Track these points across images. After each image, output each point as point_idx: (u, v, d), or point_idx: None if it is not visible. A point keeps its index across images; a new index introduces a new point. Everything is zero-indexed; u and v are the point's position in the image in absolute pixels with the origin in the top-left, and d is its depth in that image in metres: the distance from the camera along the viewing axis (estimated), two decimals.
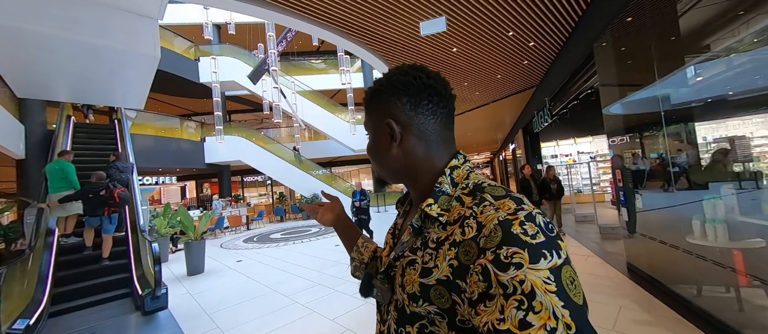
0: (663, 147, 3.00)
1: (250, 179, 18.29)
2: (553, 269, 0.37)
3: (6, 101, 5.69)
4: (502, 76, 6.08)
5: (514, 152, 13.65)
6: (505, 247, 0.38)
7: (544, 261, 0.37)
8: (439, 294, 0.44)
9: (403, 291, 0.50)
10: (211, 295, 4.24)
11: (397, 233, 0.63)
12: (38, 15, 3.23)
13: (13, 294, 3.35)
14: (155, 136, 11.15)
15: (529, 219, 0.40)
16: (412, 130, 0.54)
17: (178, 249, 7.66)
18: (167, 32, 11.14)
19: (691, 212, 2.55)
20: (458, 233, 0.44)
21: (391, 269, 0.54)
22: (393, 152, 0.55)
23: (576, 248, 4.66)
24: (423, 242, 0.49)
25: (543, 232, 0.39)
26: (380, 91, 0.56)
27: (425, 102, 0.54)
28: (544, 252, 0.37)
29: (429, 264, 0.46)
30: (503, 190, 0.46)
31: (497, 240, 0.39)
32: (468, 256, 0.42)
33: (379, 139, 0.56)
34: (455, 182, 0.52)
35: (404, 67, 0.56)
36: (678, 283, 2.74)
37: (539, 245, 0.38)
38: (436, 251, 0.46)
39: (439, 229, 0.48)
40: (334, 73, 13.47)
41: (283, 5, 3.45)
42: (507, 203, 0.42)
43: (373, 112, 0.58)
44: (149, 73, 4.97)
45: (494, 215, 0.41)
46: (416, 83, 0.54)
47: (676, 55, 2.87)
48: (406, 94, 0.54)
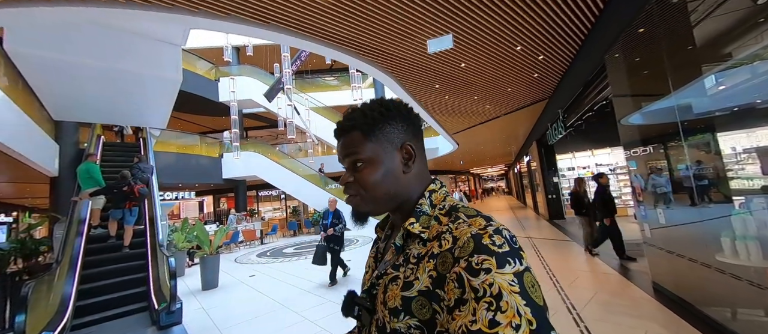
0: (684, 159, 2.87)
1: (265, 193, 18.66)
2: (516, 273, 0.42)
3: (44, 123, 6.14)
4: (513, 89, 6.05)
5: (529, 165, 13.35)
6: (476, 255, 0.43)
7: (509, 266, 0.42)
8: (421, 305, 0.47)
9: (385, 307, 0.51)
10: (224, 310, 4.28)
11: (379, 256, 0.65)
12: (72, 45, 3.54)
13: (39, 307, 3.50)
14: (177, 153, 11.65)
15: (496, 233, 0.46)
16: (418, 154, 0.59)
17: (194, 263, 7.82)
18: (190, 55, 11.83)
19: (719, 228, 2.40)
20: (436, 246, 0.49)
21: (374, 288, 0.56)
22: (405, 176, 0.58)
23: (597, 265, 4.44)
24: (405, 258, 0.53)
25: (508, 243, 0.45)
26: (390, 115, 0.57)
27: (419, 130, 0.61)
28: (509, 259, 0.43)
29: (410, 278, 0.50)
30: (474, 211, 0.52)
31: (470, 250, 0.44)
32: (445, 266, 0.46)
33: (392, 164, 0.57)
34: (433, 203, 0.57)
35: (383, 99, 0.61)
36: (709, 305, 2.55)
37: (505, 253, 0.43)
38: (417, 266, 0.50)
39: (420, 245, 0.52)
40: (347, 89, 13.80)
41: (297, 29, 3.62)
42: (478, 221, 0.49)
43: (382, 135, 0.56)
44: (172, 95, 5.28)
45: (467, 230, 0.47)
46: (413, 114, 0.61)
47: (692, 64, 2.79)
48: (411, 122, 0.60)
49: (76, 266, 4.26)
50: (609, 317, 2.81)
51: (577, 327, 2.67)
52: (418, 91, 6.02)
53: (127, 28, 3.57)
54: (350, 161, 0.58)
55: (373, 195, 0.57)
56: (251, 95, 12.98)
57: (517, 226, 9.56)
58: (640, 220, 3.76)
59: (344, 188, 0.60)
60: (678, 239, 3.01)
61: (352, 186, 0.58)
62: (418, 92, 6.05)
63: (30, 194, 11.01)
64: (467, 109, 7.31)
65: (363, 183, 0.57)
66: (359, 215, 0.60)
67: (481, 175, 38.72)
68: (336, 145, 0.62)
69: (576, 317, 2.87)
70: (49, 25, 3.23)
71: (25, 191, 10.52)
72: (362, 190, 0.57)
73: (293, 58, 10.18)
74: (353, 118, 0.58)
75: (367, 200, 0.57)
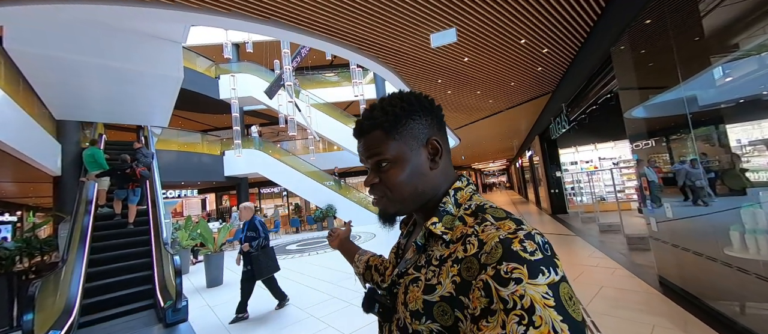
0: (691, 150, 2.84)
1: (267, 190, 18.69)
2: (551, 284, 0.38)
3: (45, 123, 6.14)
4: (516, 83, 6.00)
5: (532, 159, 13.31)
6: (505, 263, 0.40)
7: (543, 277, 0.39)
8: (443, 311, 0.45)
9: (406, 309, 0.50)
10: (230, 307, 4.29)
11: (400, 252, 0.64)
12: (71, 44, 3.51)
13: (46, 305, 3.53)
14: (178, 151, 11.65)
15: (528, 238, 0.42)
16: (444, 148, 0.56)
17: (198, 260, 7.86)
18: (190, 53, 11.77)
19: (726, 221, 2.38)
20: (461, 250, 0.46)
21: (395, 286, 0.55)
22: (432, 173, 0.55)
23: (601, 259, 4.43)
24: (426, 259, 0.51)
25: (541, 250, 0.41)
26: (412, 110, 0.54)
27: (442, 122, 0.58)
28: (542, 269, 0.39)
29: (432, 281, 0.48)
30: (504, 212, 0.49)
31: (498, 256, 0.41)
32: (470, 272, 0.43)
33: (419, 160, 0.54)
34: (458, 202, 0.54)
35: (403, 93, 0.58)
36: (717, 299, 2.54)
37: (537, 261, 0.40)
38: (439, 269, 0.48)
39: (442, 247, 0.50)
40: (347, 85, 13.73)
41: (297, 25, 3.58)
42: (507, 224, 0.45)
43: (407, 132, 0.53)
44: (173, 93, 5.25)
45: (495, 234, 0.43)
46: (436, 106, 0.58)
47: (701, 56, 2.74)
48: (434, 115, 0.57)
49: (86, 239, 4.75)
50: (615, 312, 2.81)
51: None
52: (420, 87, 5.97)
53: (127, 26, 3.54)
54: (374, 162, 0.55)
55: (401, 196, 0.54)
56: (251, 92, 12.94)
57: None
58: (646, 214, 3.74)
59: (370, 189, 0.57)
60: (685, 233, 2.98)
61: (378, 188, 0.55)
62: (419, 88, 6.01)
63: (34, 194, 11.06)
64: (470, 104, 7.26)
65: (389, 184, 0.54)
66: (387, 216, 0.57)
67: (483, 170, 38.68)
68: (356, 146, 0.59)
69: (582, 311, 2.87)
70: (48, 23, 3.20)
71: (28, 191, 10.57)
72: (388, 191, 0.54)
73: (293, 55, 10.10)
74: (374, 116, 0.55)
75: (394, 201, 0.55)
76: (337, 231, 1.01)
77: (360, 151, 0.58)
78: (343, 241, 0.98)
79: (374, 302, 0.57)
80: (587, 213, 7.93)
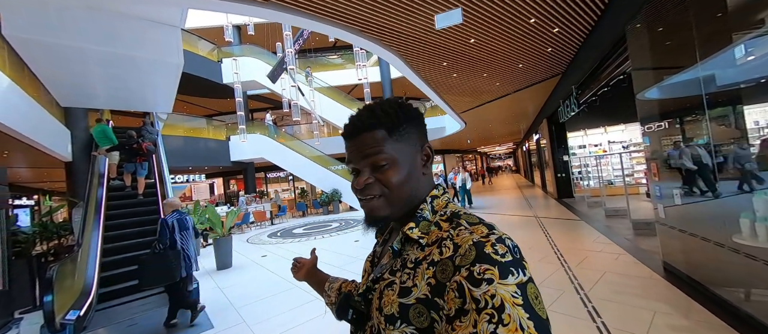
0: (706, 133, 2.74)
1: (273, 175, 18.90)
2: (519, 284, 0.41)
3: (53, 110, 6.21)
4: (524, 65, 5.80)
5: (539, 143, 13.10)
6: (478, 264, 0.42)
7: (512, 277, 0.41)
8: (419, 312, 0.46)
9: (381, 314, 0.50)
10: (239, 289, 4.45)
11: (375, 260, 0.64)
12: (68, 30, 3.46)
13: (65, 287, 3.69)
14: (185, 136, 11.75)
15: (499, 241, 0.44)
16: (432, 156, 0.59)
17: (208, 244, 8.09)
18: (191, 36, 11.60)
19: (735, 208, 2.32)
20: (436, 253, 0.48)
21: (370, 293, 0.56)
22: (423, 178, 0.57)
23: (606, 245, 4.42)
24: (402, 263, 0.52)
25: (511, 252, 0.44)
26: (413, 116, 0.57)
27: (425, 131, 0.61)
28: (512, 269, 0.42)
29: (407, 283, 0.49)
30: (477, 218, 0.51)
31: (471, 258, 0.43)
32: (444, 274, 0.45)
33: (415, 165, 0.56)
34: (435, 209, 0.55)
35: (396, 99, 0.59)
36: (722, 285, 2.52)
37: (508, 263, 0.42)
38: (414, 271, 0.49)
39: (418, 250, 0.51)
40: (351, 68, 13.48)
41: (297, 7, 3.47)
42: (480, 228, 0.47)
43: (409, 135, 0.56)
44: (175, 78, 5.22)
45: (469, 238, 0.45)
46: (421, 115, 0.60)
47: (722, 32, 2.58)
48: (422, 124, 0.59)
49: (101, 210, 5.16)
50: (617, 297, 2.82)
51: (585, 307, 2.69)
52: (425, 70, 5.82)
53: (123, 10, 3.47)
54: (371, 162, 0.54)
55: (398, 197, 0.54)
56: (254, 76, 12.80)
57: (524, 205, 9.54)
58: (653, 198, 3.68)
59: (363, 189, 0.55)
60: (693, 218, 2.93)
61: (374, 187, 0.54)
62: (424, 70, 5.86)
63: (48, 179, 11.37)
64: (476, 86, 7.08)
65: (388, 183, 0.53)
66: (375, 219, 0.56)
67: (489, 153, 38.32)
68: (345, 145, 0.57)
69: (583, 297, 2.88)
70: (44, 8, 3.15)
71: (43, 176, 10.86)
72: (387, 191, 0.54)
73: (295, 37, 9.89)
74: (375, 115, 0.54)
75: (390, 202, 0.54)
76: (302, 261, 0.91)
77: (351, 151, 0.56)
78: (309, 271, 0.89)
79: (348, 308, 0.57)
80: (594, 197, 7.85)
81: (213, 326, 3.29)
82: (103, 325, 3.65)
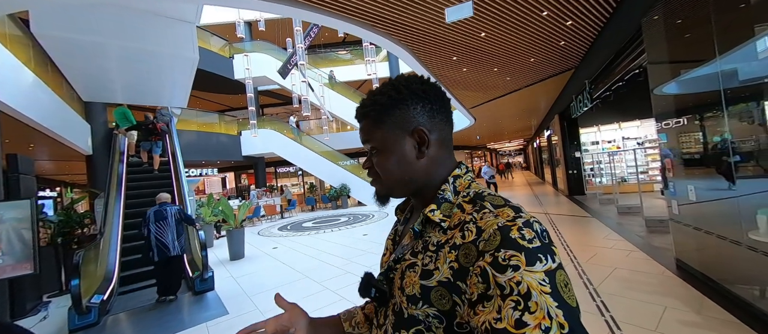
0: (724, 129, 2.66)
1: (283, 169, 19.16)
2: (548, 272, 0.39)
3: (75, 105, 6.46)
4: (536, 59, 5.71)
5: (550, 139, 12.88)
6: (503, 250, 0.40)
7: (540, 264, 0.39)
8: (440, 295, 0.45)
9: (403, 293, 0.50)
10: (251, 279, 4.59)
11: (397, 239, 0.64)
12: (92, 26, 3.61)
13: (89, 273, 3.89)
14: (198, 131, 12.03)
15: (526, 225, 0.42)
16: (435, 137, 0.56)
17: (221, 235, 8.32)
18: (204, 32, 11.81)
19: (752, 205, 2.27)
20: (458, 236, 0.47)
21: (391, 272, 0.56)
22: (419, 161, 0.55)
23: (617, 241, 4.36)
24: (423, 245, 0.51)
25: (539, 238, 0.42)
26: (400, 99, 0.54)
27: (441, 108, 0.56)
28: (540, 256, 0.40)
29: (429, 266, 0.48)
30: (502, 199, 0.49)
31: (496, 243, 0.41)
32: (467, 258, 0.44)
33: (404, 149, 0.54)
34: (457, 190, 0.54)
35: (409, 76, 0.57)
36: (736, 282, 2.48)
37: (535, 249, 0.40)
38: (436, 254, 0.48)
39: (440, 233, 0.50)
40: (360, 63, 13.49)
41: (309, 2, 3.51)
42: (506, 211, 0.45)
43: (391, 121, 0.54)
44: (190, 73, 5.37)
45: (494, 221, 0.44)
46: (433, 90, 0.56)
47: (744, 24, 2.50)
48: (428, 101, 0.55)
49: (122, 182, 5.77)
50: (627, 293, 2.80)
51: (594, 302, 2.69)
52: (434, 64, 5.80)
53: (142, 7, 3.59)
54: (369, 147, 0.59)
55: (389, 181, 0.57)
56: (265, 72, 12.97)
57: (534, 202, 9.44)
58: (667, 196, 3.61)
59: (368, 171, 0.60)
60: (708, 216, 2.87)
61: (371, 172, 0.59)
62: (434, 65, 5.84)
63: (69, 171, 11.84)
64: (486, 82, 7.01)
65: (380, 170, 0.57)
66: (380, 197, 0.60)
67: (499, 150, 37.84)
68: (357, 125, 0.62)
69: (592, 292, 2.88)
70: (69, 6, 3.29)
71: (65, 168, 11.33)
72: (379, 176, 0.58)
73: (304, 33, 9.95)
74: (364, 105, 0.58)
75: (384, 185, 0.58)
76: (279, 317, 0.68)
77: (360, 136, 0.61)
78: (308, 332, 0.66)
79: (371, 287, 0.57)
80: (606, 195, 7.71)
81: (228, 312, 3.42)
82: (124, 309, 3.83)
